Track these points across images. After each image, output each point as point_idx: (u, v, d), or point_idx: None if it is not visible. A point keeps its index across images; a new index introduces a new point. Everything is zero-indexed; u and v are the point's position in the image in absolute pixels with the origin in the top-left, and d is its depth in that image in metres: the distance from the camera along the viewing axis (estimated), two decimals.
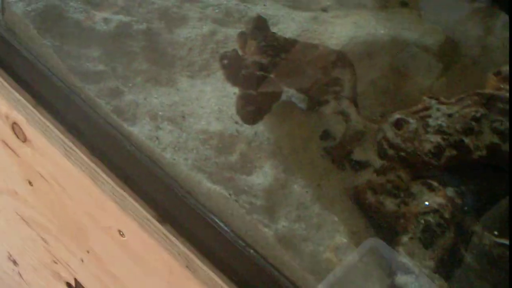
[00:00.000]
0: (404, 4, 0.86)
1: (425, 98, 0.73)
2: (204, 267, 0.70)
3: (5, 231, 0.99)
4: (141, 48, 0.77)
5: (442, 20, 0.83)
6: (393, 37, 0.81)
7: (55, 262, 0.92)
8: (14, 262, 1.03)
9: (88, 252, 0.83)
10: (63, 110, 0.77)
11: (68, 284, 0.93)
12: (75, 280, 0.91)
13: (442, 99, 0.72)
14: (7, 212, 0.94)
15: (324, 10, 0.84)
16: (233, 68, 0.70)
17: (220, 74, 0.75)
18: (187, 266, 0.70)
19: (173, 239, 0.72)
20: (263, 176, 0.70)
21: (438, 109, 0.72)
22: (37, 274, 0.99)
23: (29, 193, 0.86)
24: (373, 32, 0.81)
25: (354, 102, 0.72)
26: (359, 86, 0.74)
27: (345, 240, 0.68)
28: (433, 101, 0.72)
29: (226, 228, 0.68)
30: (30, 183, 0.84)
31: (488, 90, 0.73)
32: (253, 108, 0.69)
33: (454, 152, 0.70)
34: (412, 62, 0.81)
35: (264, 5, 0.83)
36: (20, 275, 1.04)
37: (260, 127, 0.72)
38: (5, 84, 0.79)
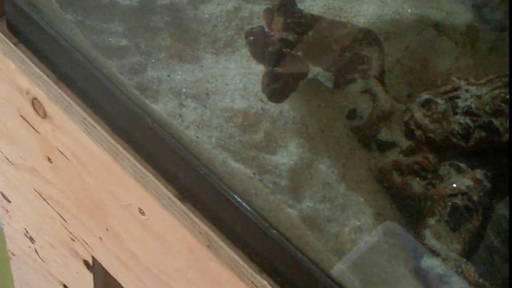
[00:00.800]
0: None
1: (453, 78, 0.71)
2: (226, 247, 0.70)
3: (22, 208, 0.99)
4: (165, 24, 0.76)
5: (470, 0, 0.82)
6: (420, 16, 0.79)
7: (73, 240, 0.91)
8: (31, 239, 1.02)
9: (107, 230, 0.83)
10: (84, 86, 0.76)
11: (86, 261, 0.93)
12: (93, 257, 0.90)
13: (471, 80, 0.71)
14: (25, 189, 0.94)
15: None
16: (259, 45, 0.69)
17: (245, 51, 0.74)
18: (208, 246, 0.70)
19: (195, 218, 0.71)
20: (288, 155, 0.69)
21: (467, 90, 0.70)
22: (54, 252, 0.98)
23: (48, 170, 0.85)
24: (400, 11, 0.79)
25: (382, 81, 0.71)
26: (385, 66, 0.73)
27: (370, 221, 0.67)
28: (462, 82, 0.71)
29: (249, 208, 0.68)
30: (49, 159, 0.84)
31: None
32: (279, 86, 0.68)
33: (483, 134, 0.68)
34: (439, 42, 0.79)
35: None
36: (37, 252, 1.03)
37: (285, 105, 0.71)
38: (26, 59, 0.78)
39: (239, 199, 0.68)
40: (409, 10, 0.79)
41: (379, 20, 0.78)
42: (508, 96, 0.68)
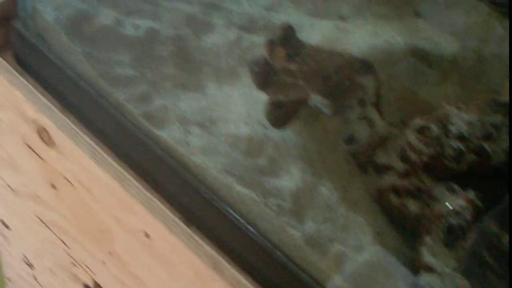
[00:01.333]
0: (419, 15, 0.89)
1: (445, 105, 0.76)
2: (231, 269, 0.72)
3: (22, 234, 1.00)
4: (169, 54, 0.79)
5: (456, 31, 0.87)
6: (410, 46, 0.84)
7: (74, 265, 0.93)
8: (30, 265, 1.04)
9: (110, 254, 0.85)
10: (91, 115, 0.78)
11: (86, 286, 0.94)
12: (94, 282, 0.92)
13: (462, 106, 0.75)
14: (27, 216, 0.95)
15: (343, 19, 0.87)
16: (262, 74, 0.73)
17: (246, 79, 0.78)
18: (213, 267, 0.72)
19: (200, 240, 0.73)
20: (290, 179, 0.72)
21: (458, 116, 0.74)
22: (53, 277, 1.00)
23: (51, 196, 0.87)
24: (392, 41, 0.83)
25: (378, 108, 0.75)
26: (380, 93, 0.77)
27: (370, 241, 0.70)
28: (453, 108, 0.75)
29: (254, 231, 0.70)
30: (53, 186, 0.86)
31: (504, 98, 0.76)
32: (282, 113, 0.72)
33: (474, 157, 0.72)
34: (429, 70, 0.83)
35: (287, 13, 0.86)
36: (35, 278, 1.05)
37: (287, 131, 0.74)
38: (33, 89, 0.80)
39: (244, 222, 0.71)
40: (400, 41, 0.83)
41: (372, 50, 0.82)
42: (497, 121, 0.73)
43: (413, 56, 0.83)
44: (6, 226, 1.03)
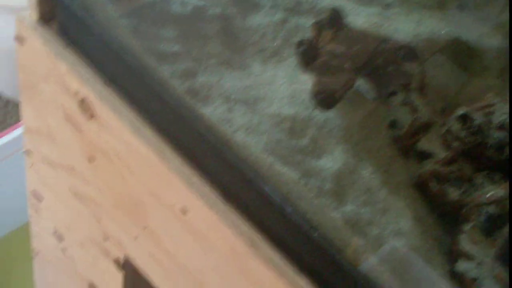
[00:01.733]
0: (462, 7, 0.89)
1: (488, 95, 0.76)
2: (267, 248, 0.73)
3: (54, 206, 1.01)
4: (215, 32, 0.80)
5: (499, 24, 0.87)
6: (453, 37, 0.84)
7: (106, 239, 0.94)
8: (60, 238, 1.04)
9: (144, 228, 0.85)
10: (135, 89, 0.79)
11: (116, 260, 0.95)
12: (125, 256, 0.93)
13: (505, 97, 0.76)
14: (60, 188, 0.96)
15: (387, 7, 0.88)
16: (308, 56, 0.73)
17: (291, 60, 0.78)
18: (250, 245, 0.73)
19: (238, 219, 0.74)
20: (332, 160, 0.72)
21: (500, 107, 0.75)
22: (83, 251, 1.01)
23: (87, 169, 0.88)
24: (435, 31, 0.84)
25: (421, 94, 0.75)
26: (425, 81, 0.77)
27: (409, 226, 0.71)
28: (497, 99, 0.76)
29: (293, 211, 0.71)
30: (90, 159, 0.86)
31: None
32: (328, 95, 0.72)
33: None
34: (471, 61, 0.84)
35: None
36: (64, 251, 1.05)
37: (330, 113, 0.75)
38: (78, 61, 0.81)
39: (283, 202, 0.71)
40: (443, 31, 0.84)
41: (416, 38, 0.82)
42: None
43: (456, 47, 0.84)
44: (38, 198, 1.04)
